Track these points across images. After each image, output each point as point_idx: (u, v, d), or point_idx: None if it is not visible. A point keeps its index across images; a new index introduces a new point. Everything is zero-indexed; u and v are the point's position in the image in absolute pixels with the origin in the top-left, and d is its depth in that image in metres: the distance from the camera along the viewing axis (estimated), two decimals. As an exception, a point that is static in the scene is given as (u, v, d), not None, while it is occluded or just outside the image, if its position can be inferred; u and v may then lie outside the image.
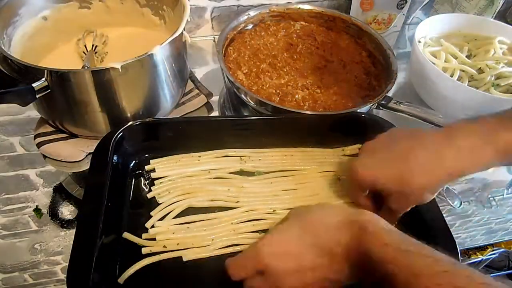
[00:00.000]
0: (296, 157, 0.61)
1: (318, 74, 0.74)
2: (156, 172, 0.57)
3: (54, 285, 0.55)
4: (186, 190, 0.56)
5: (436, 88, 0.72)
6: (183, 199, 0.55)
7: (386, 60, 0.74)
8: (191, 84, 0.75)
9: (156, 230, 0.51)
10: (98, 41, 0.73)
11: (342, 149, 0.63)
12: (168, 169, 0.58)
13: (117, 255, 0.49)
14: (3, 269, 0.55)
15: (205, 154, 0.60)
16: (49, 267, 0.55)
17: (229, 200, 0.56)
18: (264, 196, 0.57)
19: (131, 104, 0.61)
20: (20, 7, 0.64)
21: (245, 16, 0.79)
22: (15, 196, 0.61)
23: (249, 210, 0.55)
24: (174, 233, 0.51)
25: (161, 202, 0.54)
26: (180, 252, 0.50)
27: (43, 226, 0.58)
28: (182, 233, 0.52)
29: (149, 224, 0.52)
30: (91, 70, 0.57)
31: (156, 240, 0.51)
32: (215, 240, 0.51)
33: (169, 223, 0.53)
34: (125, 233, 0.51)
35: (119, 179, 0.55)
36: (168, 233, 0.51)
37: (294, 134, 0.62)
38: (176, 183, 0.57)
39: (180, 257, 0.50)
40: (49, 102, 0.59)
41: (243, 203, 0.55)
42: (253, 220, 0.54)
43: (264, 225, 0.54)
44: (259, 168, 0.60)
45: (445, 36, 0.81)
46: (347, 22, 0.82)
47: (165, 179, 0.57)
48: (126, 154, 0.57)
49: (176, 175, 0.57)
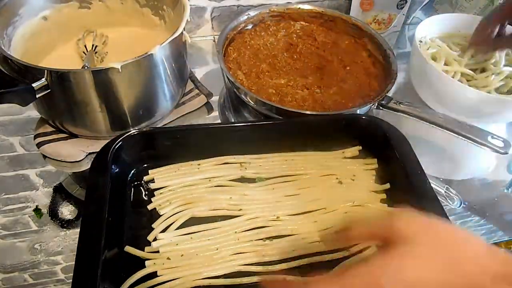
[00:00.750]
0: (297, 162, 0.61)
1: (318, 74, 0.74)
2: (156, 183, 0.57)
3: (54, 285, 0.55)
4: (187, 200, 0.55)
5: (436, 88, 0.72)
6: (185, 209, 0.55)
7: (386, 60, 0.74)
8: (191, 84, 0.75)
9: (160, 243, 0.51)
10: (98, 41, 0.73)
11: (342, 152, 0.63)
12: (167, 179, 0.57)
13: (120, 269, 0.48)
14: (3, 269, 0.55)
15: (205, 162, 0.59)
16: (49, 267, 0.55)
17: (232, 209, 0.55)
18: (266, 203, 0.56)
19: (131, 104, 0.61)
20: (20, 7, 0.64)
21: (245, 16, 0.79)
22: (15, 196, 0.61)
23: (252, 218, 0.54)
24: (178, 244, 0.51)
25: (162, 213, 0.54)
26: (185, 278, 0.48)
27: (43, 226, 0.58)
28: (186, 244, 0.51)
29: (152, 236, 0.52)
30: (91, 70, 0.57)
31: (160, 252, 0.50)
32: (220, 249, 0.51)
33: (171, 234, 0.52)
34: (127, 247, 0.50)
35: (119, 190, 0.55)
36: (171, 245, 0.51)
37: (294, 138, 0.62)
38: (177, 193, 0.56)
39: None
40: (49, 102, 0.59)
41: (246, 211, 0.55)
42: (256, 228, 0.54)
43: (268, 233, 0.53)
44: (260, 174, 0.59)
45: (445, 36, 0.81)
46: (347, 22, 0.82)
47: (165, 189, 0.56)
48: (125, 164, 0.57)
49: (176, 185, 0.57)
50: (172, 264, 0.49)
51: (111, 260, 0.47)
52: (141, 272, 0.48)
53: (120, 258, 0.50)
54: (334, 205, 0.57)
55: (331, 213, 0.56)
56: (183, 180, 0.57)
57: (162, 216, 0.54)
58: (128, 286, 0.47)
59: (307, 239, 0.53)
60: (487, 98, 0.67)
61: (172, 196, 0.56)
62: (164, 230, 0.52)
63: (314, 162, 0.61)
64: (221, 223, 0.54)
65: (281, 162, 0.61)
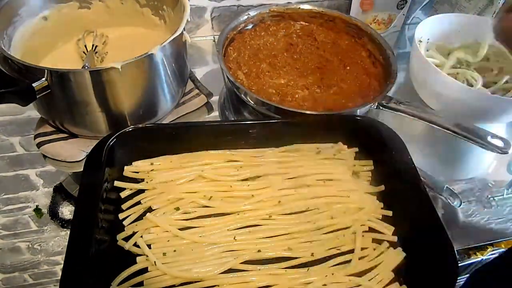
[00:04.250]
0: (292, 160, 0.61)
1: (318, 74, 0.74)
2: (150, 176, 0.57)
3: (54, 285, 0.55)
4: (180, 196, 0.55)
5: (436, 88, 0.72)
6: (177, 205, 0.55)
7: (386, 60, 0.74)
8: (191, 84, 0.75)
9: (151, 236, 0.51)
10: (98, 41, 0.73)
11: (340, 152, 0.62)
12: (161, 173, 0.57)
13: (112, 265, 0.49)
14: (3, 269, 0.55)
15: (200, 157, 0.59)
16: (49, 267, 0.55)
17: (224, 206, 0.55)
18: (260, 201, 0.56)
19: (131, 104, 0.61)
20: (20, 7, 0.64)
21: (245, 16, 0.79)
22: (15, 196, 0.61)
23: (245, 216, 0.54)
24: (169, 240, 0.51)
25: (154, 208, 0.54)
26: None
27: (43, 226, 0.58)
28: (177, 240, 0.51)
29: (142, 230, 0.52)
30: (91, 70, 0.57)
31: (152, 248, 0.50)
32: (211, 246, 0.51)
33: (163, 229, 0.52)
34: (120, 241, 0.51)
35: (113, 186, 0.55)
36: (163, 241, 0.51)
37: (290, 138, 0.62)
38: (169, 187, 0.56)
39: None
40: (49, 102, 0.59)
41: (239, 209, 0.55)
42: (249, 226, 0.54)
43: (261, 231, 0.53)
44: (255, 173, 0.59)
45: (445, 36, 0.81)
46: (347, 22, 0.82)
47: (158, 184, 0.56)
48: (120, 160, 0.57)
49: (168, 179, 0.57)
50: (163, 260, 0.49)
51: (102, 256, 0.47)
52: (132, 268, 0.48)
53: (112, 254, 0.50)
54: (328, 205, 0.57)
55: (325, 213, 0.56)
56: (177, 174, 0.57)
57: (154, 211, 0.54)
58: (120, 281, 0.47)
59: (299, 238, 0.53)
60: (487, 98, 0.67)
61: (164, 191, 0.56)
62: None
63: (309, 161, 0.61)
64: (214, 219, 0.54)
65: (276, 161, 0.61)
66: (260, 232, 0.53)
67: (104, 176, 0.52)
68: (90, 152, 0.54)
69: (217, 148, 0.60)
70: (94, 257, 0.45)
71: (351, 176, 0.60)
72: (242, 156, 0.60)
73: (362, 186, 0.60)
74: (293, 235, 0.54)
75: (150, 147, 0.59)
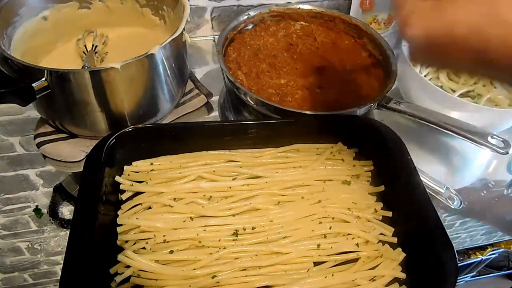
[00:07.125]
0: (292, 161, 0.61)
1: (318, 74, 0.74)
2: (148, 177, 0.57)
3: (54, 285, 0.55)
4: (179, 196, 0.55)
5: (421, 96, 0.70)
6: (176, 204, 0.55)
7: (386, 60, 0.74)
8: (191, 84, 0.75)
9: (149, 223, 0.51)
10: (98, 41, 0.73)
11: (339, 153, 0.62)
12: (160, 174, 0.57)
13: (111, 264, 0.49)
14: (3, 269, 0.55)
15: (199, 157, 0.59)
16: (49, 267, 0.55)
17: (223, 210, 0.55)
18: (260, 204, 0.55)
19: (131, 104, 0.61)
20: (20, 7, 0.64)
21: (245, 16, 0.79)
22: (15, 196, 0.61)
23: (245, 219, 0.54)
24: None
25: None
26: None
27: (43, 226, 0.58)
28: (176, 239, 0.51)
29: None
30: (91, 70, 0.57)
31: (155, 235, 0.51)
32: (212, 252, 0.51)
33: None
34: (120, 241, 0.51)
35: (113, 186, 0.55)
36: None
37: (289, 138, 0.62)
38: (169, 187, 0.56)
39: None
40: (49, 102, 0.59)
41: (238, 212, 0.55)
42: (249, 229, 0.53)
43: (262, 235, 0.53)
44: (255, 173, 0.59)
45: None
46: (347, 22, 0.82)
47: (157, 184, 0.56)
48: (120, 160, 0.57)
49: (168, 179, 0.57)
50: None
51: (102, 256, 0.47)
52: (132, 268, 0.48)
53: (112, 254, 0.49)
54: (328, 208, 0.56)
55: (324, 213, 0.56)
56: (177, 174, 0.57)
57: (151, 209, 0.54)
58: (120, 282, 0.47)
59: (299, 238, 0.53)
60: (473, 107, 0.65)
61: (164, 191, 0.55)
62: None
63: (310, 162, 0.61)
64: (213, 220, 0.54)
65: (276, 161, 0.60)
66: (259, 232, 0.53)
67: (104, 176, 0.52)
68: (90, 152, 0.54)
69: (217, 148, 0.60)
70: (94, 257, 0.45)
71: (351, 177, 0.60)
72: (242, 156, 0.60)
73: (362, 186, 0.60)
74: (292, 236, 0.53)
75: (149, 147, 0.59)
